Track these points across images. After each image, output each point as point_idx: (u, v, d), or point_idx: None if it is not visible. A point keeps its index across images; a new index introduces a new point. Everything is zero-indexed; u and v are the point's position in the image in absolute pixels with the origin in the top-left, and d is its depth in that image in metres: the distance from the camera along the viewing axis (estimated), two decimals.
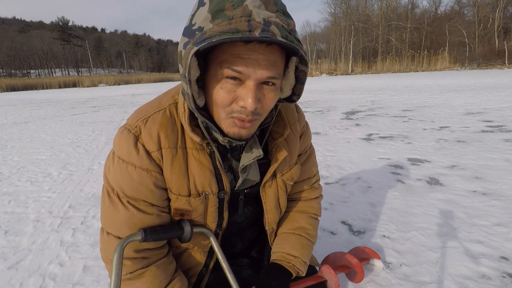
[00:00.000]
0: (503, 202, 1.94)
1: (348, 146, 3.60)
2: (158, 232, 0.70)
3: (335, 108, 6.97)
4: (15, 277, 1.47)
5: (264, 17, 0.51)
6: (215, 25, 0.51)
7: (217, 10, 0.52)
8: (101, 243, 0.74)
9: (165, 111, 0.70)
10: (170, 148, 0.68)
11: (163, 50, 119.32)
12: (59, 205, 2.30)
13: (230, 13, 0.51)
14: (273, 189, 0.84)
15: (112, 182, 0.70)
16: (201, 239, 0.81)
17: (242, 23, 0.50)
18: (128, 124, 0.70)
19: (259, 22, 0.50)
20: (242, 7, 0.51)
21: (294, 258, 0.85)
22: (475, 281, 1.28)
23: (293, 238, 0.89)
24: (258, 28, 0.49)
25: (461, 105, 6.27)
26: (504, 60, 27.04)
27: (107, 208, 0.70)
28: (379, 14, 38.21)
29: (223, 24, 0.51)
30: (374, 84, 14.79)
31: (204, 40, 0.50)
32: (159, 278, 0.73)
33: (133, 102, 11.49)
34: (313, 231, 0.94)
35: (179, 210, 0.74)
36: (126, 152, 0.67)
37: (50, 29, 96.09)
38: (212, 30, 0.51)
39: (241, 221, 0.88)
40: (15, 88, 35.71)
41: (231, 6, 0.51)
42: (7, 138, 5.16)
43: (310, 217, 0.95)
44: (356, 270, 1.18)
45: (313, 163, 0.96)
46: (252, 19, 0.50)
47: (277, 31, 0.50)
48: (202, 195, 0.73)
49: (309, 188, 0.97)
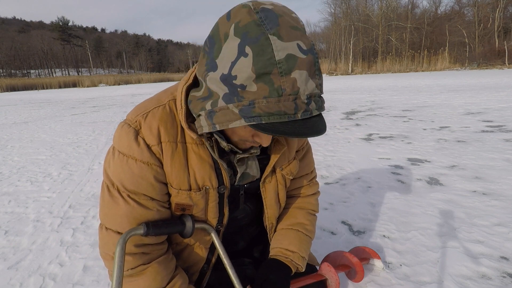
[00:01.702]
0: (503, 202, 1.94)
1: (348, 146, 3.60)
2: (160, 226, 0.70)
3: (335, 108, 6.97)
4: (15, 277, 1.47)
5: (309, 93, 0.53)
6: (263, 95, 0.51)
7: (263, 72, 0.50)
8: (100, 240, 0.74)
9: (165, 107, 0.71)
10: (170, 142, 0.69)
11: (163, 50, 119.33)
12: (59, 205, 2.30)
13: (277, 82, 0.50)
14: (273, 184, 0.85)
15: (112, 176, 0.70)
16: (202, 235, 0.82)
17: (290, 104, 0.51)
18: (128, 119, 0.70)
19: (303, 102, 0.52)
20: (290, 80, 0.50)
21: (292, 253, 0.86)
22: (475, 281, 1.28)
23: (291, 233, 0.91)
24: (301, 110, 0.52)
25: (461, 105, 6.27)
26: (504, 60, 27.02)
27: (107, 203, 0.71)
28: (379, 14, 38.19)
29: (272, 101, 0.51)
30: (374, 84, 14.79)
31: (253, 118, 0.52)
32: (161, 275, 0.73)
33: (133, 102, 11.49)
34: (311, 226, 0.95)
35: (180, 205, 0.74)
36: (126, 145, 0.68)
37: (50, 29, 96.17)
38: (260, 107, 0.51)
39: (241, 218, 0.89)
40: (15, 88, 35.71)
41: (278, 73, 0.50)
42: (7, 138, 5.16)
43: (308, 213, 0.97)
44: (356, 269, 1.18)
45: (311, 159, 0.98)
46: (298, 97, 0.52)
47: (314, 106, 0.54)
48: (202, 189, 0.74)
49: (308, 184, 0.99)
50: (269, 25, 0.50)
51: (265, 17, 0.51)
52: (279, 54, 0.49)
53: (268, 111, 0.51)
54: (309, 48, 0.52)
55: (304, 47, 0.52)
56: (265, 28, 0.50)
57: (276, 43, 0.49)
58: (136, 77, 47.90)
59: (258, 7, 0.53)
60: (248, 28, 0.51)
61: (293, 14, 0.55)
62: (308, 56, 0.52)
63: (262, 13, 0.51)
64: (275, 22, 0.51)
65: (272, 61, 0.49)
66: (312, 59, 0.53)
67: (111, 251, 0.71)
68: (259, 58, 0.50)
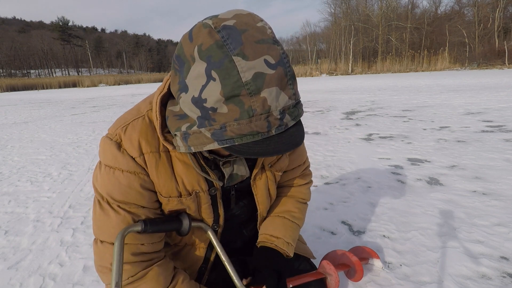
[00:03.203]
0: (503, 202, 1.94)
1: (348, 146, 3.60)
2: (157, 223, 0.71)
3: (335, 108, 6.97)
4: (15, 277, 1.47)
5: (281, 107, 0.52)
6: (233, 117, 0.50)
7: (231, 95, 0.49)
8: (95, 255, 0.73)
9: (144, 118, 0.70)
10: (152, 153, 0.69)
11: (163, 50, 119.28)
12: (59, 205, 2.30)
13: (247, 103, 0.49)
14: (263, 181, 0.86)
15: (100, 189, 0.71)
16: (200, 235, 0.83)
17: (262, 123, 0.51)
18: (109, 134, 0.70)
19: (276, 118, 0.52)
20: (260, 99, 0.49)
21: (276, 239, 0.88)
22: (475, 281, 1.28)
23: (277, 220, 0.93)
24: (275, 126, 0.52)
25: (461, 105, 6.27)
26: (504, 60, 27.00)
27: (99, 217, 0.71)
28: (379, 14, 38.17)
29: (243, 123, 0.50)
30: (374, 84, 14.79)
31: (226, 141, 0.52)
32: (163, 275, 0.73)
33: (133, 102, 11.49)
34: (300, 213, 0.97)
35: (174, 211, 0.76)
36: (111, 158, 0.68)
37: (50, 29, 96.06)
38: (232, 130, 0.51)
39: (238, 215, 0.90)
40: (15, 88, 35.71)
41: (247, 94, 0.49)
42: (7, 138, 5.16)
43: (298, 201, 0.98)
44: (356, 268, 1.18)
45: (302, 151, 0.98)
46: (270, 114, 0.51)
47: (289, 118, 0.53)
48: (192, 194, 0.74)
49: (300, 175, 1.00)
50: (232, 44, 0.48)
51: (227, 36, 0.49)
52: (245, 75, 0.48)
53: (240, 133, 0.51)
54: (277, 60, 0.50)
55: (272, 60, 0.50)
56: (228, 49, 0.48)
57: (241, 64, 0.48)
58: (136, 77, 47.88)
59: (219, 25, 0.50)
60: (211, 51, 0.49)
61: (259, 24, 0.53)
62: (277, 70, 0.50)
63: (223, 32, 0.49)
64: (238, 40, 0.49)
65: (239, 84, 0.48)
66: (282, 71, 0.51)
67: (108, 263, 0.70)
68: (226, 81, 0.48)
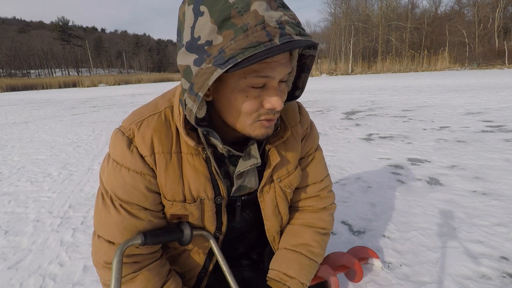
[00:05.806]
0: (503, 202, 1.94)
1: (348, 146, 3.60)
2: (158, 235, 0.69)
3: (335, 108, 6.97)
4: (15, 277, 1.47)
5: (276, 19, 0.49)
6: (229, 38, 0.48)
7: (222, 19, 0.48)
8: (92, 247, 0.73)
9: (160, 115, 0.69)
10: (164, 154, 0.67)
11: (163, 50, 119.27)
12: (59, 205, 2.30)
13: (239, 22, 0.48)
14: (271, 195, 0.81)
15: (105, 184, 0.69)
16: (200, 241, 0.80)
17: (260, 33, 0.47)
18: (122, 127, 0.69)
19: (275, 27, 0.48)
20: (252, 13, 0.48)
21: (290, 279, 0.80)
22: (475, 281, 1.28)
23: (292, 256, 0.83)
24: (276, 35, 0.48)
25: (461, 105, 6.27)
26: (504, 60, 27.00)
27: (100, 210, 0.70)
28: (379, 14, 38.17)
29: (240, 38, 0.48)
30: (374, 84, 14.79)
31: (227, 61, 0.48)
32: (152, 282, 0.72)
33: (133, 102, 11.49)
34: (319, 248, 0.86)
35: (176, 215, 0.73)
36: (120, 154, 0.67)
37: (50, 29, 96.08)
38: (231, 48, 0.48)
39: (241, 226, 0.87)
40: (15, 88, 35.68)
41: (237, 13, 0.48)
42: (7, 138, 5.16)
43: (317, 232, 0.87)
44: (356, 269, 1.18)
45: (320, 167, 0.89)
46: (266, 25, 0.48)
47: (291, 31, 0.49)
48: (197, 200, 0.72)
49: (316, 195, 0.89)
50: None
51: None
52: None
53: (240, 47, 0.48)
54: None
55: None
56: None
57: None
58: (136, 77, 47.87)
59: None
60: None
61: None
62: None
63: None
64: None
65: (227, 5, 0.48)
66: None
67: (102, 259, 0.70)
68: (215, 8, 0.49)
